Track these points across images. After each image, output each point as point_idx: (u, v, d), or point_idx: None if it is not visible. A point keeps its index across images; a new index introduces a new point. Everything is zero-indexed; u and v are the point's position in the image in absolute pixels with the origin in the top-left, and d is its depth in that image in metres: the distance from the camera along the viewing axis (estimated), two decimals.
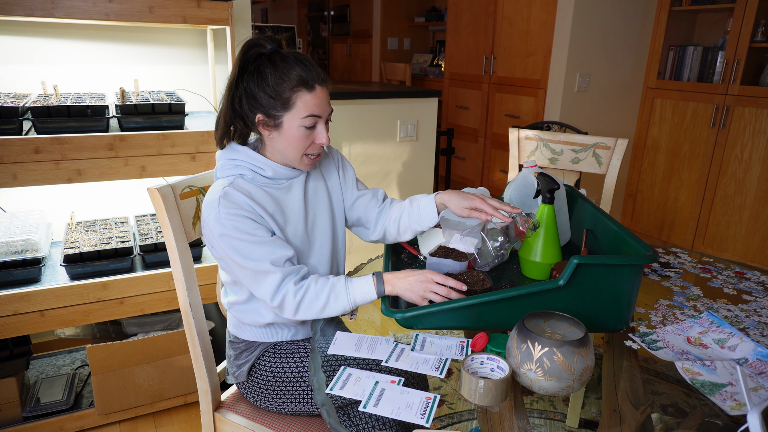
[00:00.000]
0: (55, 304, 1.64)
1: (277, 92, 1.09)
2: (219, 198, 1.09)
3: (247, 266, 1.08)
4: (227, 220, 1.08)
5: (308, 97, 1.09)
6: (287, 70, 1.08)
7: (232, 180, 1.13)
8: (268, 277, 1.08)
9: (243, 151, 1.16)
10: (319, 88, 1.11)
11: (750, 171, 3.02)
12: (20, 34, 1.87)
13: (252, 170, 1.16)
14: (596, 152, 2.00)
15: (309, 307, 1.09)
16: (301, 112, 1.10)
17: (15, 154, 1.52)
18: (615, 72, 3.48)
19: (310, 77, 1.09)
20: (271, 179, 1.17)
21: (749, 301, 1.23)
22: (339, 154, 1.35)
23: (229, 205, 1.08)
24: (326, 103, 1.13)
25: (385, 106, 2.65)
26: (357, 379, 0.92)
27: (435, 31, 5.81)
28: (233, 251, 1.08)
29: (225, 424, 1.28)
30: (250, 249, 1.08)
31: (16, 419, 1.74)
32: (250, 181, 1.15)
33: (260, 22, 7.41)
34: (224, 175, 1.17)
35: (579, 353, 0.83)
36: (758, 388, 0.89)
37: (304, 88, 1.09)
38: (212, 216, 1.09)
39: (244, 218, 1.08)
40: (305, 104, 1.09)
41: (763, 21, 2.91)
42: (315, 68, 1.11)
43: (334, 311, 1.10)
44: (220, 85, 2.16)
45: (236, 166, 1.16)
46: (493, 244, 1.17)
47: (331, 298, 1.09)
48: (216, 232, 1.09)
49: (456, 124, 4.42)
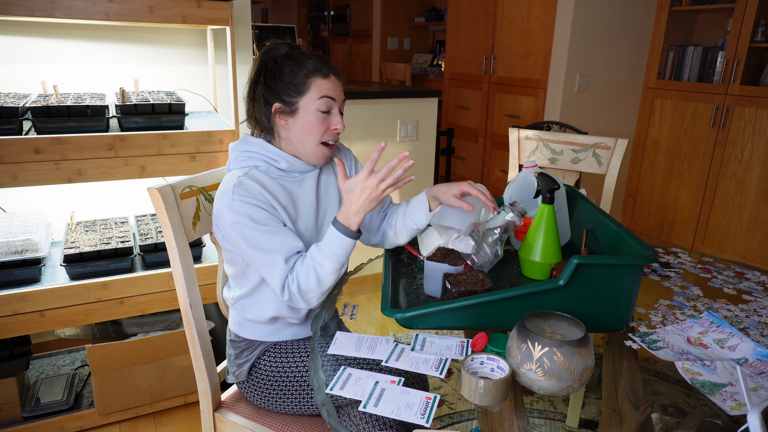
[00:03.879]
0: (55, 304, 1.64)
1: (292, 78, 1.14)
2: (234, 186, 1.10)
3: (257, 256, 1.09)
4: (241, 207, 1.09)
5: (322, 81, 1.14)
6: (303, 60, 1.14)
7: (246, 170, 1.15)
8: (275, 269, 1.10)
9: (257, 142, 1.19)
10: (333, 77, 1.16)
11: (750, 171, 3.02)
12: (20, 34, 1.87)
13: (266, 162, 1.18)
14: (596, 152, 2.00)
15: (308, 290, 1.10)
16: (316, 94, 1.14)
17: (15, 154, 1.52)
18: (615, 72, 3.48)
19: (325, 66, 1.15)
20: (285, 171, 1.19)
21: (749, 301, 1.23)
22: (352, 155, 1.38)
23: (244, 194, 1.10)
24: (340, 90, 1.17)
25: (385, 106, 2.65)
26: (357, 379, 0.92)
27: (435, 31, 5.81)
28: (244, 239, 1.09)
29: (225, 424, 1.28)
30: (261, 239, 1.09)
31: (16, 419, 1.74)
32: (264, 172, 1.17)
33: (260, 22, 7.40)
34: (238, 166, 1.18)
35: (579, 353, 0.83)
36: (758, 388, 0.89)
37: (318, 73, 1.14)
38: (225, 204, 1.10)
39: (258, 207, 1.10)
40: (319, 87, 1.14)
41: (763, 21, 2.91)
42: (330, 63, 1.18)
43: (327, 278, 1.10)
44: (220, 85, 2.16)
45: (250, 157, 1.18)
46: (489, 244, 1.18)
47: (317, 268, 1.09)
48: (229, 220, 1.10)
49: (456, 124, 4.42)
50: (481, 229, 1.21)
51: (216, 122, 1.96)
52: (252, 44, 2.30)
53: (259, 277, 1.21)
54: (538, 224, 1.20)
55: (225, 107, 2.17)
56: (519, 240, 1.39)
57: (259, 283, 1.21)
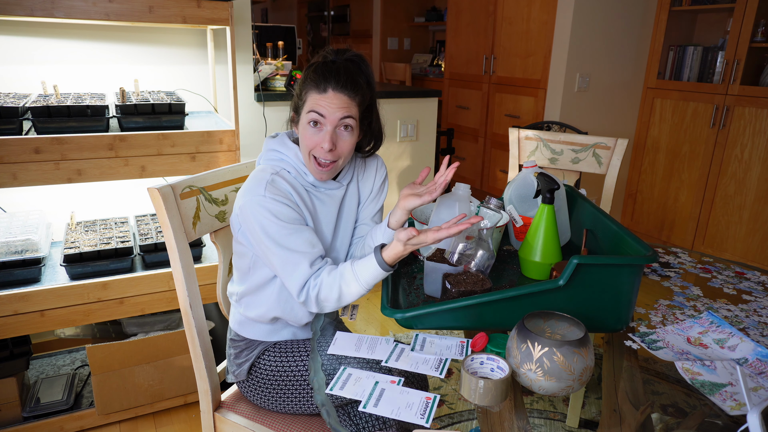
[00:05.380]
0: (55, 304, 1.64)
1: (299, 89, 1.16)
2: (266, 183, 1.11)
3: (280, 253, 1.09)
4: (272, 205, 1.09)
5: (316, 96, 1.12)
6: (317, 71, 1.13)
7: (278, 170, 1.16)
8: (297, 269, 1.10)
9: (293, 149, 1.19)
10: (332, 93, 1.11)
11: (750, 171, 3.02)
12: (20, 34, 1.87)
13: (296, 170, 1.18)
14: (596, 152, 2.00)
15: (327, 300, 1.11)
16: (307, 107, 1.13)
17: (15, 154, 1.52)
18: (615, 72, 3.48)
19: (326, 80, 1.11)
20: (312, 185, 1.19)
21: (749, 301, 1.23)
22: (385, 176, 1.33)
23: (276, 192, 1.11)
24: (336, 107, 1.11)
25: (385, 106, 2.62)
26: (357, 379, 0.92)
27: (435, 31, 5.81)
28: (268, 236, 1.09)
29: (225, 424, 1.28)
30: (289, 237, 1.09)
31: (16, 419, 1.74)
32: (293, 178, 1.17)
33: (260, 22, 7.40)
34: (269, 164, 1.19)
35: (579, 353, 0.83)
36: (758, 388, 0.89)
37: (314, 88, 1.12)
38: (256, 201, 1.10)
39: (288, 207, 1.11)
40: (311, 101, 1.13)
41: (763, 21, 2.91)
42: (343, 75, 1.11)
43: (349, 298, 1.11)
44: (220, 85, 2.16)
45: (282, 160, 1.19)
46: (485, 245, 1.18)
47: (342, 287, 1.10)
48: (257, 215, 1.10)
49: (456, 124, 4.42)
50: (481, 230, 1.21)
51: (216, 122, 1.96)
52: (252, 44, 2.30)
53: (265, 277, 1.21)
54: (538, 224, 1.20)
55: (225, 107, 2.17)
56: (519, 240, 1.39)
57: (264, 282, 1.21)
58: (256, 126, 2.33)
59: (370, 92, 1.18)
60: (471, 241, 1.15)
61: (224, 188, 1.36)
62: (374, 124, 1.25)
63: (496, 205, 1.23)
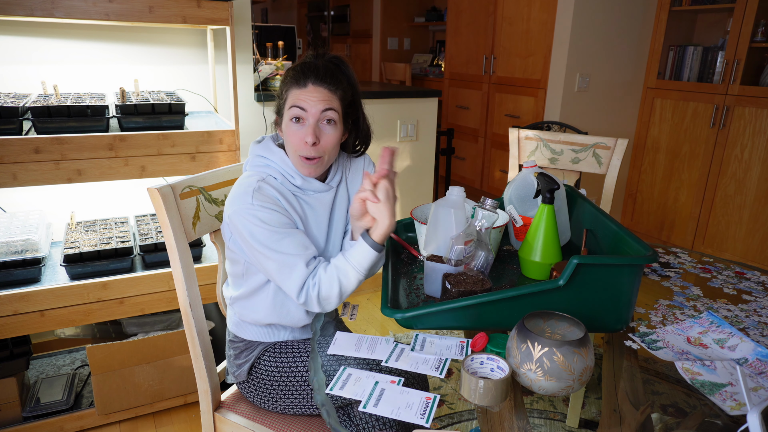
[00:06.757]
0: (55, 304, 1.64)
1: (280, 90, 1.16)
2: (253, 191, 1.11)
3: (275, 257, 1.09)
4: (261, 212, 1.09)
5: (296, 91, 1.12)
6: (296, 70, 1.13)
7: (264, 177, 1.16)
8: (294, 271, 1.10)
9: (278, 153, 1.18)
10: (312, 87, 1.11)
11: (750, 171, 3.02)
12: (20, 34, 1.87)
13: (282, 175, 1.18)
14: (596, 152, 2.00)
15: (329, 297, 1.11)
16: (289, 104, 1.13)
17: (15, 154, 1.52)
18: (615, 72, 3.48)
19: (305, 76, 1.11)
20: (299, 188, 1.19)
21: (749, 301, 1.23)
22: (374, 171, 1.32)
23: (263, 198, 1.11)
24: (317, 100, 1.10)
25: (385, 106, 2.65)
26: (357, 379, 0.92)
27: (435, 31, 5.81)
28: (260, 243, 1.09)
29: (225, 424, 1.28)
30: (281, 242, 1.09)
31: (16, 419, 1.74)
32: (280, 184, 1.17)
33: (260, 22, 7.40)
34: (255, 170, 1.19)
35: (579, 353, 0.83)
36: (758, 388, 0.89)
37: (295, 84, 1.12)
38: (244, 209, 1.10)
39: (276, 212, 1.11)
40: (292, 97, 1.13)
41: (763, 21, 2.91)
42: (322, 70, 1.12)
43: (350, 288, 1.12)
44: (220, 85, 2.16)
45: (267, 165, 1.18)
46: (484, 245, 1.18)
47: (341, 278, 1.11)
48: (247, 224, 1.10)
49: (456, 124, 4.42)
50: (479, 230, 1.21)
51: (216, 122, 1.96)
52: (252, 44, 2.30)
53: (258, 282, 1.21)
54: (538, 224, 1.20)
55: (225, 107, 2.17)
56: (519, 240, 1.39)
57: (258, 287, 1.21)
58: (256, 126, 2.33)
59: (352, 89, 1.18)
60: (470, 244, 1.15)
61: (224, 188, 1.36)
62: (361, 124, 1.24)
63: (492, 205, 1.23)
